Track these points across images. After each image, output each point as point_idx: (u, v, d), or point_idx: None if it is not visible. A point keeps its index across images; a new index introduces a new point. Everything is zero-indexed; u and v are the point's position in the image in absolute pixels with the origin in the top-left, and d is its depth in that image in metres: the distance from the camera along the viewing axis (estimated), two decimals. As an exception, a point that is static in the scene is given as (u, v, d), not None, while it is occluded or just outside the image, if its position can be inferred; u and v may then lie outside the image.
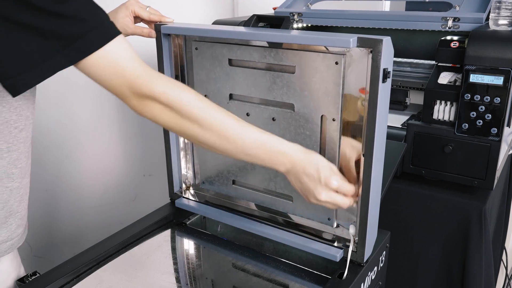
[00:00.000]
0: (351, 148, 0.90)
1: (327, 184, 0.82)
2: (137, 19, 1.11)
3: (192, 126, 0.78)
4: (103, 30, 0.71)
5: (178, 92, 0.77)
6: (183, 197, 1.19)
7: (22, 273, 0.97)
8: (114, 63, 0.72)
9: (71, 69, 0.70)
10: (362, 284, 0.95)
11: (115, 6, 1.11)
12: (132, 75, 0.74)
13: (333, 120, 0.89)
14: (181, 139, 1.16)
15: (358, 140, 0.89)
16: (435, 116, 1.22)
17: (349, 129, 0.90)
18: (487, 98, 1.12)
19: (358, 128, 0.89)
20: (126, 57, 0.73)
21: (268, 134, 0.82)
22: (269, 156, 0.81)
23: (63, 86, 1.58)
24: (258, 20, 1.05)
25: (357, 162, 0.89)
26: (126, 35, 1.11)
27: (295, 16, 1.55)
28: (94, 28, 0.69)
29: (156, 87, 0.75)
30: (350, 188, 0.85)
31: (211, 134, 0.78)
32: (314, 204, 0.85)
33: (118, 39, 0.72)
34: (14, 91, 0.69)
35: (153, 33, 1.06)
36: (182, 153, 1.17)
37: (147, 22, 1.12)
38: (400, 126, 1.35)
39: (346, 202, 0.85)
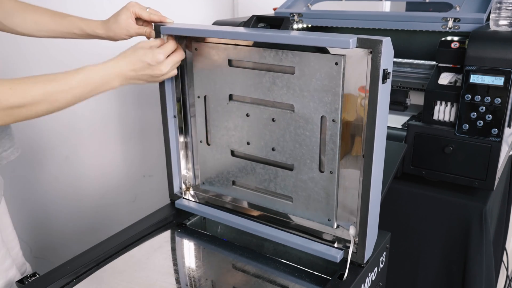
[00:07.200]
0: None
1: (157, 61, 0.95)
2: (139, 20, 1.11)
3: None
4: None
5: None
6: (183, 198, 1.19)
7: (13, 273, 0.97)
8: None
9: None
10: (363, 285, 0.95)
11: (117, 8, 1.11)
12: None
13: (333, 121, 0.89)
14: (181, 139, 1.16)
15: (358, 140, 0.89)
16: (435, 117, 1.22)
17: (349, 130, 0.90)
18: (488, 99, 1.11)
19: (358, 129, 0.88)
20: None
21: (83, 71, 0.86)
22: (98, 87, 0.89)
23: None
24: (257, 21, 1.04)
25: None
26: (130, 36, 1.11)
27: (295, 17, 1.55)
28: None
29: None
30: (171, 45, 0.98)
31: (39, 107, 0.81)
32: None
33: None
34: None
35: (153, 33, 1.06)
36: (182, 154, 1.17)
37: (148, 23, 1.12)
38: (401, 127, 1.35)
39: (180, 54, 1.01)
